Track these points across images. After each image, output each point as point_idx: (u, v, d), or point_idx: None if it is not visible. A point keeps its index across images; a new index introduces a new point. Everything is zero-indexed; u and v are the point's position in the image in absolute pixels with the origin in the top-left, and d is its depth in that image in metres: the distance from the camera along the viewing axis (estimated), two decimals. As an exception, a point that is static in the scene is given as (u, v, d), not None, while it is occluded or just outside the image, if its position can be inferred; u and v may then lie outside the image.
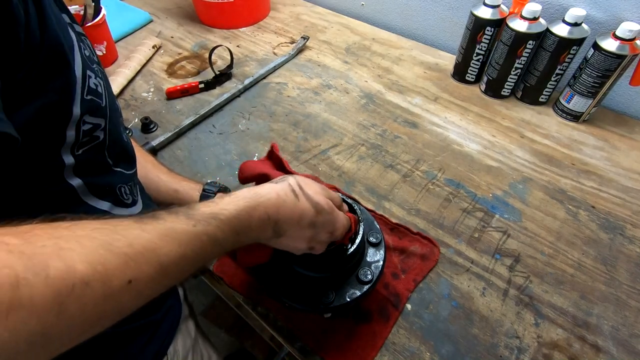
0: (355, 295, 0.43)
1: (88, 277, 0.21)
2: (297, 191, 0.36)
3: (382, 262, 0.46)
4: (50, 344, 0.20)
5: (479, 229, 0.59)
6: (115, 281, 0.22)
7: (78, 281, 0.20)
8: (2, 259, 0.18)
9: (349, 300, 0.43)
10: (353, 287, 0.44)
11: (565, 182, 0.66)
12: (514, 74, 0.78)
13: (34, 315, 0.18)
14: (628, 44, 0.64)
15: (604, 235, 0.59)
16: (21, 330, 0.18)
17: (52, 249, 0.20)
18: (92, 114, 0.35)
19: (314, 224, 0.37)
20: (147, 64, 0.92)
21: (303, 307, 0.43)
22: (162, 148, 0.71)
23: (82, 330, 0.21)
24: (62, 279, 0.20)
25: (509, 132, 0.75)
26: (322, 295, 0.43)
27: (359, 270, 0.45)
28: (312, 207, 0.37)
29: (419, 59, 0.93)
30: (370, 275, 0.45)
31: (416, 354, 0.47)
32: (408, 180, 0.66)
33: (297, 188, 0.37)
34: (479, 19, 0.75)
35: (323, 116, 0.78)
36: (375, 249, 0.48)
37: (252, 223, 0.33)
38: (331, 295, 0.43)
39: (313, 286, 0.44)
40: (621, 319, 0.50)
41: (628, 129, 0.76)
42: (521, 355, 0.46)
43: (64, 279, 0.20)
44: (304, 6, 1.14)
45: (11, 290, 0.18)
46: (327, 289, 0.43)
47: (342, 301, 0.43)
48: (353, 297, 0.43)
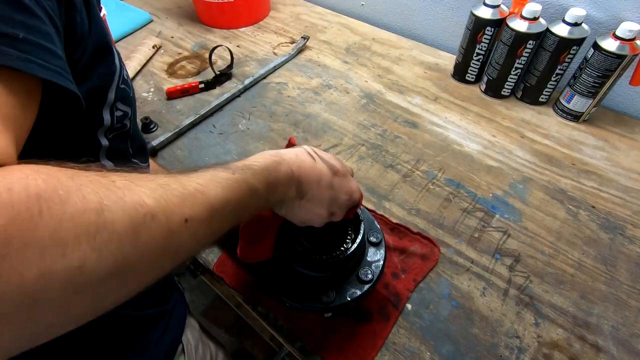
0: (356, 294, 0.43)
1: (155, 210, 0.22)
2: (312, 154, 0.39)
3: (382, 262, 0.46)
4: (125, 273, 0.21)
5: (479, 229, 0.59)
6: (176, 217, 0.24)
7: (148, 213, 0.22)
8: (85, 187, 0.20)
9: (349, 299, 0.43)
10: (354, 287, 0.44)
11: (566, 182, 0.66)
12: (514, 74, 0.78)
13: (115, 239, 0.20)
14: (628, 44, 0.64)
15: (604, 235, 0.59)
16: (106, 253, 0.19)
17: (124, 183, 0.22)
18: (123, 102, 0.39)
19: (331, 185, 0.39)
20: (147, 64, 0.92)
21: (304, 306, 0.43)
22: (162, 148, 0.71)
23: (149, 266, 0.23)
24: (136, 209, 0.21)
25: (509, 132, 0.75)
26: (323, 294, 0.43)
27: (359, 269, 0.45)
28: (329, 168, 0.39)
29: (419, 59, 0.93)
30: (370, 275, 0.45)
31: (416, 353, 0.47)
32: (408, 180, 0.66)
33: (313, 152, 0.39)
34: (479, 19, 0.75)
35: (323, 116, 0.78)
36: (375, 248, 0.48)
37: (280, 176, 0.35)
38: (332, 294, 0.43)
39: (313, 285, 0.44)
40: (621, 318, 0.50)
41: (628, 129, 0.76)
42: (521, 355, 0.46)
43: (137, 209, 0.21)
44: (304, 6, 1.14)
45: (96, 214, 0.19)
46: (327, 289, 0.43)
47: (342, 300, 0.43)
48: (354, 297, 0.43)
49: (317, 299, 0.43)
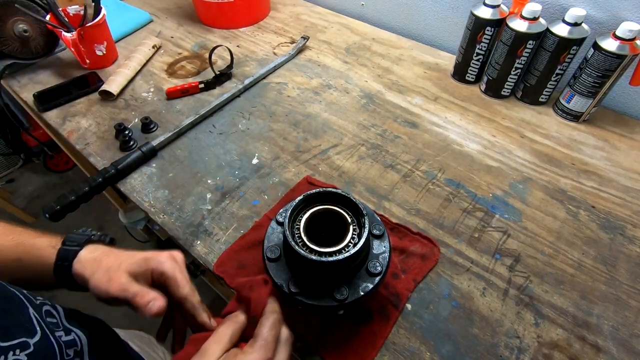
0: (368, 288, 0.43)
1: None
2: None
3: (388, 254, 0.46)
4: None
5: (479, 229, 0.59)
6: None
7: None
8: None
9: (362, 294, 0.43)
10: (365, 281, 0.44)
11: (566, 182, 0.66)
12: (514, 74, 0.78)
13: None
14: (628, 44, 0.64)
15: (604, 235, 0.59)
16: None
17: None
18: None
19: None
20: (147, 64, 0.92)
21: (318, 306, 0.43)
22: (162, 148, 0.71)
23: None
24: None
25: (509, 132, 0.75)
26: (336, 292, 0.43)
27: (368, 262, 0.45)
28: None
29: (419, 59, 0.93)
30: (380, 267, 0.45)
31: (416, 353, 0.47)
32: (408, 180, 0.66)
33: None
34: (479, 19, 0.75)
35: (323, 116, 0.78)
36: (379, 240, 0.48)
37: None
38: (345, 291, 0.43)
39: (326, 284, 0.44)
40: (621, 319, 0.50)
41: (628, 129, 0.76)
42: (521, 355, 0.46)
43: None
44: (304, 6, 1.14)
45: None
46: (339, 285, 0.43)
47: (356, 296, 0.43)
48: (366, 290, 0.43)
49: (331, 296, 0.43)
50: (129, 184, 0.66)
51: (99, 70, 0.90)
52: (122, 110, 0.80)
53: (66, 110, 0.80)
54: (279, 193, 0.64)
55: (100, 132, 0.75)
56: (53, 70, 0.89)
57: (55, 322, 0.33)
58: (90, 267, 0.37)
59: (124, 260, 0.37)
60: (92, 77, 0.86)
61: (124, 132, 0.71)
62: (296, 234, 0.46)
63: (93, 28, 0.83)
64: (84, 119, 0.78)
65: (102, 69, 0.90)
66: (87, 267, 0.37)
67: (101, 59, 0.89)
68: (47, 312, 0.33)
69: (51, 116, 0.79)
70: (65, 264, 0.37)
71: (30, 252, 0.39)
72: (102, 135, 0.74)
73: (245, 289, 0.41)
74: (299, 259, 0.43)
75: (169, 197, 0.64)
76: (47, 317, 0.33)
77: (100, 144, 0.73)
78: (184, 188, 0.65)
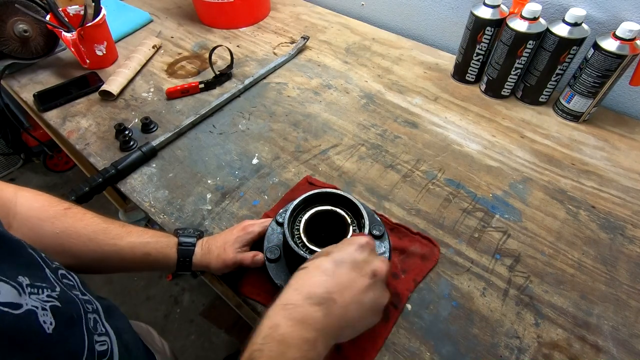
0: None
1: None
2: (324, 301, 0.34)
3: (388, 253, 0.46)
4: None
5: (479, 229, 0.59)
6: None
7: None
8: None
9: None
10: None
11: (566, 182, 0.66)
12: (514, 74, 0.78)
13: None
14: (628, 44, 0.64)
15: (604, 235, 0.59)
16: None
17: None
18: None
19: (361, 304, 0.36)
20: (147, 64, 0.92)
21: None
22: (162, 148, 0.71)
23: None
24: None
25: (509, 132, 0.75)
26: None
27: None
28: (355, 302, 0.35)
29: (419, 59, 0.93)
30: None
31: (416, 354, 0.47)
32: (408, 180, 0.66)
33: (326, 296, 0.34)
34: (479, 19, 0.75)
35: (323, 116, 0.78)
36: (379, 241, 0.48)
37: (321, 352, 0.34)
38: None
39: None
40: (621, 319, 0.50)
41: (628, 129, 0.76)
42: (521, 355, 0.46)
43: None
44: (304, 6, 1.14)
45: None
46: None
47: None
48: None
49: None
50: (129, 184, 0.66)
51: (99, 70, 0.90)
52: (122, 110, 0.80)
53: (66, 110, 0.80)
54: (279, 193, 0.64)
55: (100, 132, 0.75)
56: (53, 70, 0.89)
57: (71, 284, 0.37)
58: (206, 260, 0.50)
59: (222, 244, 0.51)
60: (92, 77, 0.86)
61: (124, 132, 0.71)
62: (296, 234, 0.46)
63: (93, 28, 0.83)
64: (84, 119, 0.78)
65: (102, 69, 0.90)
66: (204, 260, 0.50)
67: (101, 59, 0.89)
68: (63, 274, 0.37)
69: (51, 116, 0.79)
70: (187, 260, 0.50)
71: (154, 248, 0.50)
72: (102, 135, 0.74)
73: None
74: (299, 260, 0.43)
75: (169, 197, 0.64)
76: (63, 279, 0.36)
77: (100, 144, 0.73)
78: (184, 188, 0.65)
